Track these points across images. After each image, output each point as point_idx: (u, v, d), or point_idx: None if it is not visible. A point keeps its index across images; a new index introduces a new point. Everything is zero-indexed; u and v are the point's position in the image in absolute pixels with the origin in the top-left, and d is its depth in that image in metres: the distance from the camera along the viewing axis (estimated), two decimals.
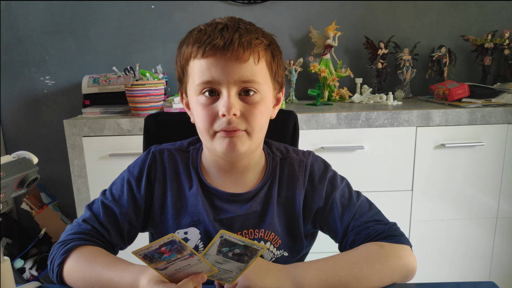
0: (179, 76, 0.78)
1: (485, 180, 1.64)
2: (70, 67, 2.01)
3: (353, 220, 0.76)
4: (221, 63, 0.68)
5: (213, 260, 0.55)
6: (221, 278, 0.58)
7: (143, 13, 1.96)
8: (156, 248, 0.51)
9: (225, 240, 0.52)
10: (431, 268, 1.71)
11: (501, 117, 1.57)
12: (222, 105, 0.68)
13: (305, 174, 0.80)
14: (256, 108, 0.71)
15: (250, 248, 0.53)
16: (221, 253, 0.54)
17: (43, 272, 1.78)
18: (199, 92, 0.71)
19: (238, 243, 0.53)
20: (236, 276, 0.57)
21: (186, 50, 0.72)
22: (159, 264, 0.53)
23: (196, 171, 0.80)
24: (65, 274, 0.69)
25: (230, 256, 0.54)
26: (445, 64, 1.93)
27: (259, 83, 0.71)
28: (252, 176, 0.80)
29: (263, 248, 0.53)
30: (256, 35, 0.71)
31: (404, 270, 0.69)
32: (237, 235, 0.52)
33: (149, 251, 0.52)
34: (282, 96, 0.82)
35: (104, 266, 0.66)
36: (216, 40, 0.67)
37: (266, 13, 1.99)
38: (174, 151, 0.82)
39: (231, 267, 0.56)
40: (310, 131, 1.56)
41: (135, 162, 0.83)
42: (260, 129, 0.73)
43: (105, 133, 1.54)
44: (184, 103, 0.81)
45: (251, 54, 0.69)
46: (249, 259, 0.54)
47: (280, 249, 0.79)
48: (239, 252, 0.53)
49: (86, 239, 0.72)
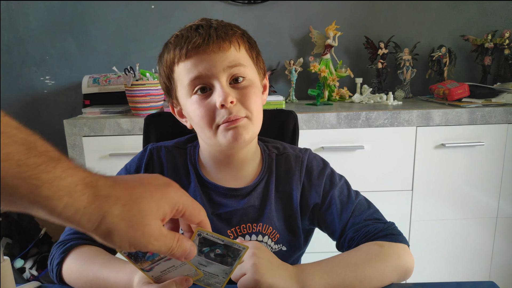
0: (166, 87, 0.78)
1: (485, 180, 1.64)
2: (70, 67, 2.01)
3: (352, 218, 0.76)
4: (205, 58, 0.70)
5: (196, 262, 0.54)
6: (208, 284, 0.57)
7: (143, 13, 1.96)
8: None
9: (203, 239, 0.51)
10: (431, 268, 1.71)
11: (501, 117, 1.57)
12: (217, 96, 0.69)
13: (301, 169, 0.81)
14: (249, 92, 0.72)
15: (232, 248, 0.52)
16: (202, 253, 0.53)
17: (43, 272, 1.78)
18: (191, 92, 0.72)
19: (217, 242, 0.52)
20: (224, 280, 0.56)
21: (168, 57, 0.74)
22: (144, 265, 0.52)
23: (194, 167, 0.81)
24: (64, 273, 0.70)
25: (213, 258, 0.53)
26: (445, 64, 1.93)
27: (245, 66, 0.73)
28: (249, 170, 0.81)
29: (245, 249, 0.53)
30: (230, 27, 0.74)
31: (402, 269, 0.69)
32: (215, 234, 0.51)
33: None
34: (267, 82, 0.84)
35: (100, 265, 0.67)
36: (195, 38, 0.69)
37: (266, 13, 1.99)
38: (171, 148, 0.83)
39: (216, 271, 0.55)
40: (310, 131, 1.56)
41: (132, 160, 0.83)
42: (258, 111, 0.74)
43: (105, 133, 1.54)
44: (176, 113, 0.81)
45: (231, 43, 0.71)
46: (233, 261, 0.53)
47: (279, 243, 0.79)
48: (220, 252, 0.53)
49: (84, 238, 0.73)
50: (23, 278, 1.76)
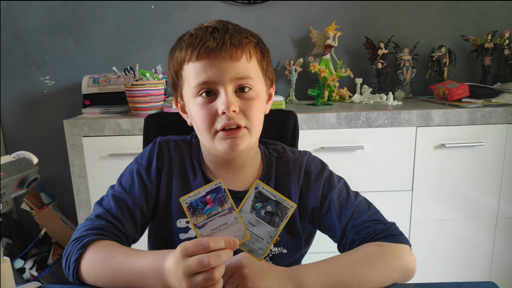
0: (173, 81, 0.79)
1: (485, 180, 1.64)
2: (70, 67, 2.01)
3: (351, 220, 0.76)
4: (216, 64, 0.70)
5: (247, 220, 0.59)
6: (251, 250, 0.60)
7: (143, 13, 1.96)
8: (203, 196, 0.56)
9: (259, 193, 0.58)
10: (431, 268, 1.71)
11: (501, 117, 1.57)
12: (221, 103, 0.70)
13: (299, 172, 0.81)
14: (253, 103, 0.73)
15: (281, 206, 0.59)
16: (254, 210, 0.59)
17: (43, 272, 1.78)
18: (196, 94, 0.73)
19: (270, 197, 0.59)
20: (267, 246, 0.60)
21: (179, 54, 0.74)
22: (199, 219, 0.57)
23: (198, 163, 0.82)
24: (83, 267, 0.68)
25: (262, 216, 0.59)
26: (445, 64, 1.93)
27: (253, 79, 0.73)
28: (249, 174, 0.81)
29: (293, 207, 0.59)
30: (245, 35, 0.74)
31: (404, 269, 0.69)
32: (270, 188, 0.59)
33: (195, 199, 0.56)
34: (273, 91, 0.85)
35: (124, 254, 0.66)
36: (209, 42, 0.70)
37: (266, 13, 1.99)
38: (179, 142, 0.84)
39: (262, 233, 0.60)
40: (310, 131, 1.56)
41: (143, 153, 0.84)
42: (258, 123, 0.75)
43: (105, 133, 1.54)
44: (179, 107, 0.82)
45: (243, 52, 0.72)
46: (279, 221, 0.59)
47: (279, 246, 0.80)
48: (270, 210, 0.59)
49: (101, 234, 0.72)
50: (23, 279, 1.76)
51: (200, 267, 0.53)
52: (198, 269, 0.53)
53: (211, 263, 0.53)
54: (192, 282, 0.54)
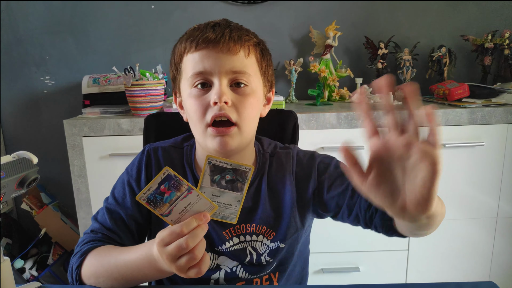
0: (173, 75, 0.80)
1: (485, 180, 1.64)
2: (70, 67, 2.01)
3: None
4: (213, 55, 0.71)
5: (210, 194, 0.60)
6: (223, 217, 0.62)
7: (143, 13, 1.96)
8: (156, 188, 0.57)
9: (214, 166, 0.58)
10: (431, 268, 1.71)
11: (501, 117, 1.57)
12: (213, 94, 0.71)
13: (292, 163, 0.82)
14: (247, 99, 0.73)
15: (239, 171, 0.59)
16: (214, 182, 0.59)
17: (43, 272, 1.78)
18: (192, 85, 0.73)
19: (226, 167, 0.59)
20: (237, 210, 0.61)
21: (180, 47, 0.75)
22: (163, 209, 0.58)
23: (190, 167, 0.82)
24: (83, 272, 0.72)
25: (224, 186, 0.59)
26: (445, 64, 1.93)
27: (250, 75, 0.73)
28: None
29: (251, 169, 0.59)
30: (246, 33, 0.75)
31: (443, 216, 0.66)
32: (223, 159, 0.59)
33: (150, 193, 0.57)
34: (273, 96, 0.84)
35: (119, 252, 0.70)
36: (208, 33, 0.71)
37: (266, 13, 1.99)
38: (168, 148, 0.85)
39: (229, 200, 0.61)
40: (310, 131, 1.56)
41: (132, 163, 0.84)
42: (250, 121, 0.74)
43: (105, 133, 1.54)
44: (178, 103, 0.83)
45: (241, 47, 0.72)
46: (242, 185, 0.60)
47: (275, 241, 0.80)
48: (230, 178, 0.59)
49: (99, 241, 0.76)
50: (23, 279, 1.76)
51: (180, 251, 0.57)
52: (180, 253, 0.57)
53: (189, 245, 0.56)
54: (179, 265, 0.57)
